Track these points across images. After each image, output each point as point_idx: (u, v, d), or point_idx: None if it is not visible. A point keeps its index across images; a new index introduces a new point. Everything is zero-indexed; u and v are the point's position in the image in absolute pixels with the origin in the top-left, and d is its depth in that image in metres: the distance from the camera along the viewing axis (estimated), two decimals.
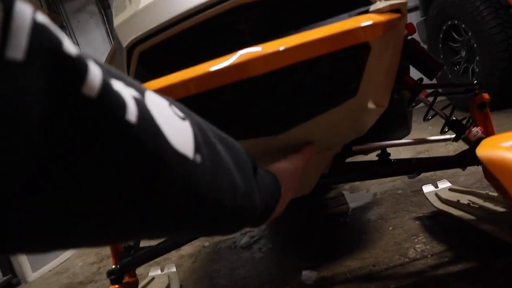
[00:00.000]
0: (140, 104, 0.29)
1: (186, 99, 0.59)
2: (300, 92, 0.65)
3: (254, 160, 0.52)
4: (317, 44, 0.55)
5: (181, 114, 0.36)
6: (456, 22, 2.92)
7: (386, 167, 1.13)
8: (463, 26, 2.87)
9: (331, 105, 0.68)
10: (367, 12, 0.64)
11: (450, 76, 3.16)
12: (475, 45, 2.78)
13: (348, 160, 1.26)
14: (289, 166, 0.67)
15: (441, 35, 3.13)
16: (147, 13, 0.69)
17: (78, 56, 0.25)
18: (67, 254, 2.71)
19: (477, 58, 2.79)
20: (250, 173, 0.48)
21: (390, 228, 1.53)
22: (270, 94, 0.64)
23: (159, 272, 1.68)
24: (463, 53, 3.00)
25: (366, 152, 1.37)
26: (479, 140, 1.08)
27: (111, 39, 4.80)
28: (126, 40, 0.70)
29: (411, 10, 3.95)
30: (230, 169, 0.43)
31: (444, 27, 3.07)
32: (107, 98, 0.26)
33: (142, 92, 0.31)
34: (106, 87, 0.26)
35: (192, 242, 1.71)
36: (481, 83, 1.14)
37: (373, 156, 1.35)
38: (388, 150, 1.27)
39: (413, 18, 3.80)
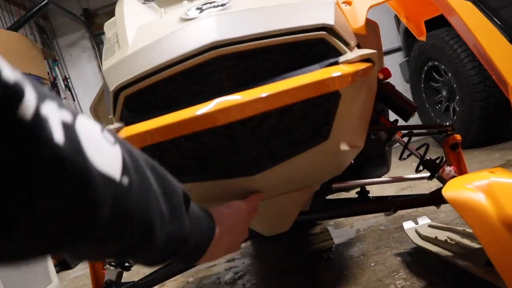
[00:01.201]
0: (68, 127, 0.31)
1: (164, 142, 0.63)
2: (274, 136, 0.70)
3: (187, 194, 0.53)
4: (290, 93, 0.60)
5: (112, 140, 0.38)
6: (436, 63, 3.05)
7: (364, 204, 1.17)
8: (443, 67, 2.99)
9: (305, 148, 0.72)
10: (337, 62, 0.69)
11: (432, 114, 3.26)
12: (454, 85, 2.89)
13: (330, 197, 1.30)
14: (228, 209, 0.67)
15: (423, 75, 3.25)
16: (133, 60, 0.74)
17: (15, 82, 0.28)
18: None
19: (457, 97, 2.89)
20: (179, 204, 0.49)
21: (372, 264, 1.55)
22: (245, 138, 0.68)
23: None
24: (444, 93, 3.11)
25: (346, 189, 1.41)
26: (452, 179, 1.13)
27: (102, 74, 4.87)
28: (112, 84, 0.74)
29: (395, 51, 4.10)
30: (157, 196, 0.45)
31: (425, 68, 3.19)
32: (39, 121, 0.28)
33: (74, 115, 0.33)
34: (37, 111, 0.28)
35: (176, 277, 1.70)
36: (452, 124, 1.20)
37: (353, 194, 1.39)
38: (374, 186, 1.31)
39: (397, 58, 3.94)
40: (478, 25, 1.03)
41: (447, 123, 2.90)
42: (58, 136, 0.30)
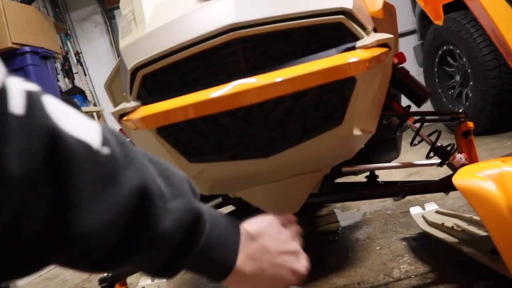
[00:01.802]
0: (32, 97, 0.31)
1: (180, 122, 0.64)
2: (289, 119, 0.70)
3: (193, 185, 0.46)
4: (306, 78, 0.61)
5: (89, 118, 0.36)
6: (451, 47, 3.00)
7: (373, 189, 1.18)
8: (458, 51, 2.94)
9: (318, 132, 0.73)
10: (354, 47, 0.70)
11: (444, 99, 3.23)
12: (469, 71, 2.85)
13: (338, 180, 1.31)
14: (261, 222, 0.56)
15: (436, 60, 3.20)
16: (151, 39, 0.75)
17: None
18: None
19: (471, 83, 2.86)
20: (180, 182, 0.44)
21: (377, 248, 1.57)
22: (262, 120, 0.69)
23: (149, 282, 1.71)
24: (458, 78, 3.07)
25: (356, 173, 1.42)
26: (462, 167, 1.14)
27: (114, 49, 4.87)
28: (130, 63, 0.75)
29: (409, 33, 4.03)
30: (151, 172, 0.40)
31: (439, 52, 3.14)
32: (2, 92, 0.29)
33: (42, 92, 0.33)
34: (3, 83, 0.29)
35: None
36: (465, 111, 1.20)
37: (362, 178, 1.40)
38: (382, 170, 1.32)
39: (411, 41, 3.89)
40: (498, 10, 1.02)
41: (460, 110, 2.88)
42: (18, 103, 0.29)
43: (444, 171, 2.26)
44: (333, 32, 0.71)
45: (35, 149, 0.30)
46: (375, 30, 0.91)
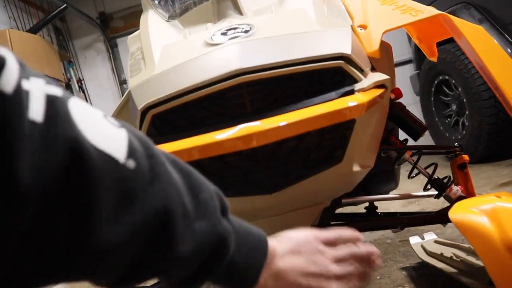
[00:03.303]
0: (54, 101, 0.29)
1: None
2: (292, 158, 0.74)
3: (224, 199, 0.45)
4: (308, 122, 0.65)
5: (117, 123, 0.34)
6: (447, 77, 3.07)
7: (372, 220, 1.21)
8: (453, 81, 3.01)
9: (319, 170, 0.77)
10: (353, 91, 0.74)
11: (441, 128, 3.28)
12: (464, 100, 2.91)
13: (338, 210, 1.34)
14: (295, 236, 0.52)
15: (433, 89, 3.28)
16: (161, 80, 0.79)
17: None
18: None
19: (467, 112, 2.92)
20: (209, 199, 0.41)
21: (378, 277, 1.58)
22: (265, 159, 0.73)
23: None
24: (454, 107, 3.14)
25: (355, 204, 1.45)
26: (459, 198, 1.17)
27: (116, 76, 4.96)
28: (140, 103, 0.79)
29: (405, 62, 4.13)
30: (179, 187, 0.38)
31: (435, 82, 3.21)
32: (19, 95, 0.26)
33: (68, 95, 0.31)
34: (19, 85, 0.27)
35: None
36: (460, 145, 1.24)
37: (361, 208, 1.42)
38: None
39: (407, 70, 3.97)
40: (485, 48, 1.07)
41: (455, 144, 2.92)
42: (38, 110, 0.27)
43: (443, 200, 2.29)
44: (333, 75, 0.75)
45: (53, 162, 0.27)
46: (372, 68, 0.96)
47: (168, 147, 0.69)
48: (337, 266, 0.51)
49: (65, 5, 3.66)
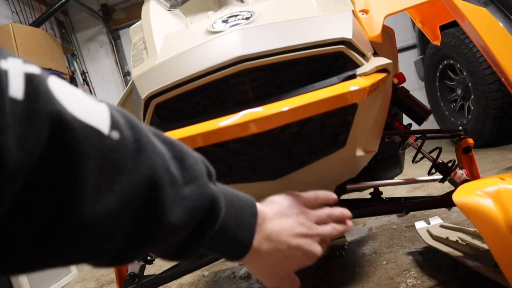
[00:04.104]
0: (32, 80, 0.29)
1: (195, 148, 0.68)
2: (295, 143, 0.74)
3: (210, 166, 0.45)
4: (310, 107, 0.65)
5: (97, 99, 0.35)
6: (451, 62, 3.05)
7: (377, 205, 1.21)
8: (458, 66, 2.99)
9: (323, 154, 0.77)
10: (354, 75, 0.74)
11: (446, 112, 3.26)
12: (469, 85, 2.89)
13: (343, 197, 1.34)
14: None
15: (437, 74, 3.25)
16: (163, 69, 0.79)
17: None
18: (67, 278, 2.75)
19: (472, 96, 2.90)
20: (194, 165, 0.42)
21: (384, 263, 1.59)
22: (269, 144, 0.73)
23: None
24: (459, 92, 3.12)
25: (360, 190, 1.45)
26: (464, 182, 1.17)
27: (120, 68, 4.96)
28: (144, 92, 0.80)
29: (409, 48, 4.10)
30: (164, 156, 0.38)
31: (440, 66, 3.19)
32: None
33: (46, 74, 0.31)
34: None
35: (193, 272, 1.76)
36: (465, 129, 1.23)
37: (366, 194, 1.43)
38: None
39: (411, 55, 3.95)
40: (489, 31, 1.06)
41: (460, 128, 2.92)
42: (17, 87, 0.27)
43: (448, 184, 2.29)
44: (334, 60, 0.75)
45: (36, 136, 0.28)
46: (375, 53, 0.96)
47: (172, 135, 0.70)
48: (320, 226, 0.56)
49: None
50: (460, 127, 1.31)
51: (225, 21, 0.81)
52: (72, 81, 4.51)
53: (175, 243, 0.42)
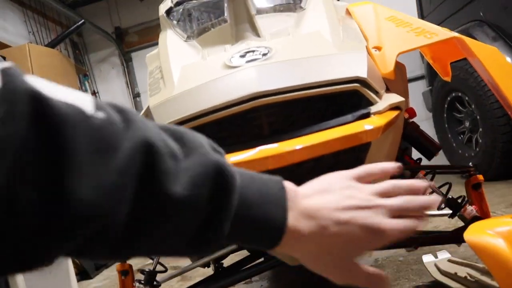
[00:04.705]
0: (8, 72, 0.28)
1: None
2: (308, 178, 0.75)
3: (219, 148, 0.40)
4: (325, 145, 0.66)
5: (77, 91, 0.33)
6: (460, 94, 3.07)
7: None
8: (466, 98, 3.01)
9: None
10: (368, 113, 0.75)
11: (454, 144, 3.26)
12: (478, 117, 2.90)
13: None
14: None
15: (445, 106, 3.27)
16: (181, 101, 0.81)
17: None
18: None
19: (480, 129, 2.91)
20: (194, 140, 0.37)
21: None
22: (284, 179, 0.74)
23: None
24: (467, 124, 3.12)
25: None
26: (473, 218, 1.17)
27: (130, 90, 5.04)
28: (161, 122, 0.81)
29: (417, 79, 4.13)
30: (158, 131, 0.35)
31: (448, 98, 3.21)
32: None
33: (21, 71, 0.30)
34: None
35: None
36: (475, 165, 1.24)
37: None
38: None
39: (420, 86, 3.97)
40: (499, 69, 1.08)
41: (470, 164, 2.91)
42: None
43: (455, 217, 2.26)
44: (349, 98, 0.77)
45: (19, 111, 0.27)
46: (387, 88, 0.98)
47: None
48: (382, 199, 0.43)
49: (82, 20, 3.75)
50: (469, 161, 1.32)
51: (242, 56, 0.84)
52: None
53: (188, 227, 0.35)
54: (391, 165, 0.47)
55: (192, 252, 0.39)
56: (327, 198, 0.42)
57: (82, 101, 0.31)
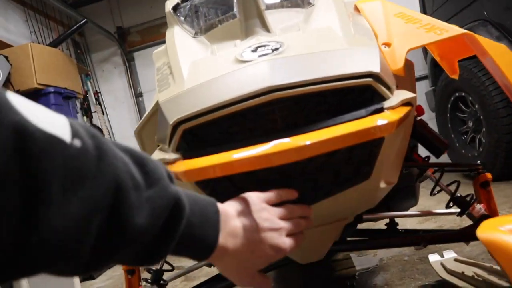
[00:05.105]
0: None
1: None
2: (321, 174, 0.75)
3: (170, 172, 0.47)
4: (339, 139, 0.66)
5: (55, 112, 0.35)
6: (463, 94, 3.07)
7: (394, 237, 1.20)
8: (470, 98, 3.00)
9: (348, 186, 0.77)
10: (382, 108, 0.75)
11: (457, 144, 3.26)
12: (481, 117, 2.90)
13: (359, 226, 1.33)
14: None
15: (449, 105, 3.27)
16: (192, 96, 0.81)
17: None
18: None
19: (484, 129, 2.90)
20: (155, 169, 0.43)
21: None
22: (296, 174, 0.73)
23: None
24: (470, 124, 3.12)
25: (375, 220, 1.44)
26: (482, 217, 1.16)
27: (132, 89, 5.03)
28: (172, 117, 0.81)
29: (421, 79, 4.12)
30: (125, 161, 0.39)
31: (452, 98, 3.21)
32: None
33: (4, 90, 0.32)
34: None
35: None
36: (483, 163, 1.23)
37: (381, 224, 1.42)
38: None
39: (422, 86, 3.97)
40: (510, 66, 1.07)
41: (478, 162, 2.90)
42: None
43: (460, 217, 2.25)
44: (362, 93, 0.76)
45: (1, 144, 0.28)
46: (396, 87, 0.97)
47: (201, 162, 0.71)
48: (283, 221, 0.60)
49: (85, 20, 3.74)
50: (474, 161, 1.31)
51: (254, 51, 0.83)
52: (85, 100, 4.58)
53: (144, 246, 0.42)
54: (292, 193, 0.68)
55: (141, 264, 0.46)
56: (249, 219, 0.56)
57: (62, 128, 0.33)
